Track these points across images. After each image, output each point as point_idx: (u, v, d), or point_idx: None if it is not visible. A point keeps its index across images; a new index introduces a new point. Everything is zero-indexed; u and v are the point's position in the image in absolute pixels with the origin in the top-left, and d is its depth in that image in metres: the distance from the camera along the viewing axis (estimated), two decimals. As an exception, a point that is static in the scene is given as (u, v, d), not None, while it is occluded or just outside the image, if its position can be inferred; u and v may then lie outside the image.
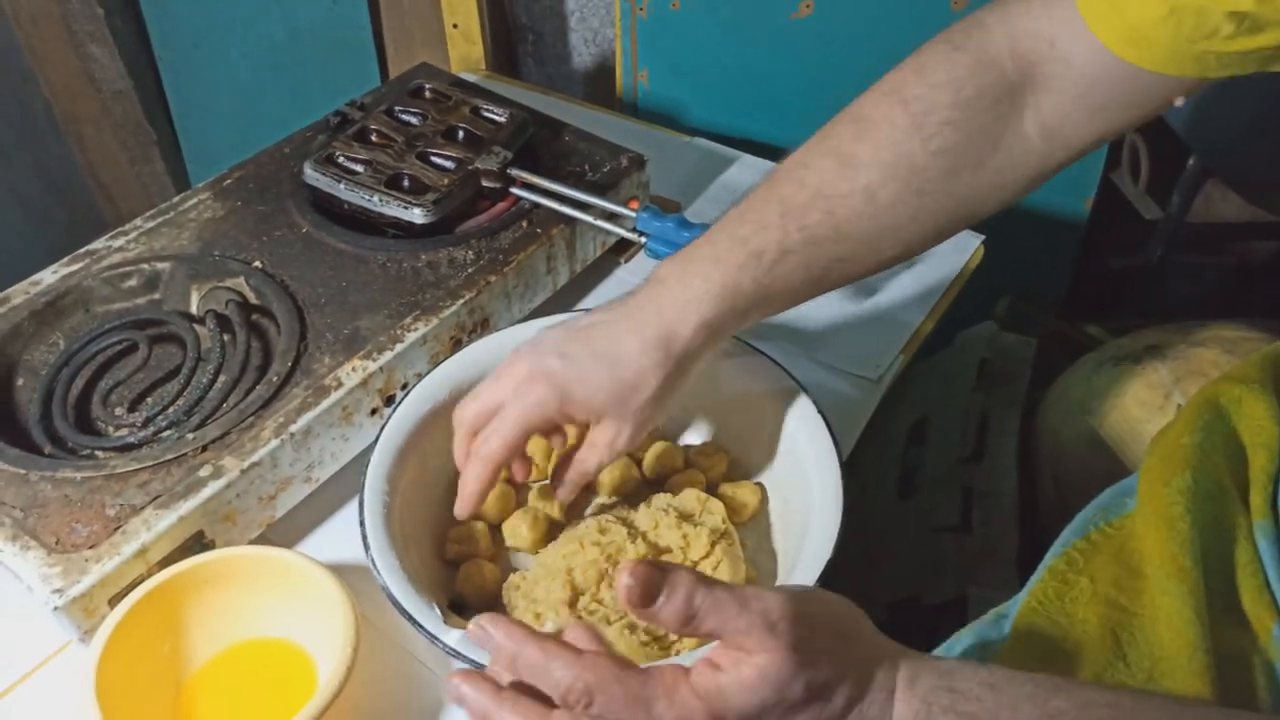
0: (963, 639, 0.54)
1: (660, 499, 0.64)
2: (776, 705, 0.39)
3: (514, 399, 0.57)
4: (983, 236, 0.89)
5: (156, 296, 0.75)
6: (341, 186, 0.79)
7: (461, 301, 0.73)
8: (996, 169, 0.56)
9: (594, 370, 0.56)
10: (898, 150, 0.56)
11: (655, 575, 0.39)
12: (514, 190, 0.81)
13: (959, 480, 0.88)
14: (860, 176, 0.56)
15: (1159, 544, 0.51)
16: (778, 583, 0.62)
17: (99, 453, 0.64)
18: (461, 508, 0.60)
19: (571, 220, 0.79)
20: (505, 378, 0.58)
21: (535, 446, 0.69)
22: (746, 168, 1.00)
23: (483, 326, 0.75)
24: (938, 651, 0.53)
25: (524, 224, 0.79)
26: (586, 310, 0.64)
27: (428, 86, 0.90)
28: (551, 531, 0.66)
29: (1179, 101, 0.54)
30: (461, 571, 0.62)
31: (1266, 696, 0.49)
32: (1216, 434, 0.55)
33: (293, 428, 0.64)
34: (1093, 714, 0.40)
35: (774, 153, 1.03)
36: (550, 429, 0.60)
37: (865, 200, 0.56)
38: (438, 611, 0.54)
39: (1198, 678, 0.47)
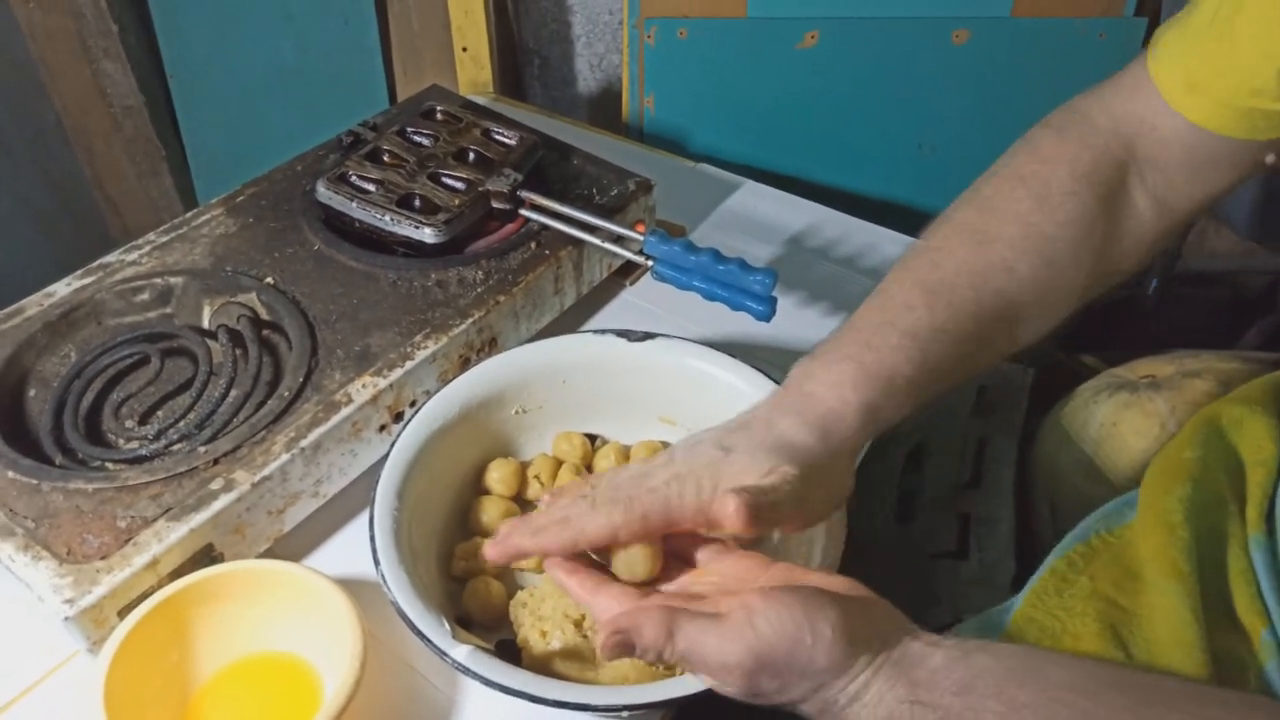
0: (964, 632, 0.55)
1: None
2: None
3: (663, 485, 0.50)
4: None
5: (169, 310, 0.76)
6: (354, 205, 0.80)
7: (470, 320, 0.74)
8: (1117, 239, 0.58)
9: (755, 452, 0.51)
10: (1026, 223, 0.56)
11: (622, 633, 0.45)
12: (523, 212, 0.82)
13: (956, 506, 0.88)
14: (994, 251, 0.56)
15: (1158, 549, 0.53)
16: None
17: (110, 464, 0.65)
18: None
19: (579, 242, 0.81)
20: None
21: (542, 465, 0.70)
22: (751, 194, 1.02)
23: (491, 345, 0.76)
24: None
25: (532, 245, 0.81)
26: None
27: (439, 108, 0.91)
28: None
29: (1270, 159, 0.56)
30: (468, 588, 0.63)
31: None
32: (1216, 450, 0.57)
33: (303, 443, 0.65)
34: (1057, 710, 0.41)
35: (778, 180, 1.05)
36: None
37: (1006, 276, 0.56)
38: (447, 627, 0.55)
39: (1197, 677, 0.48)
